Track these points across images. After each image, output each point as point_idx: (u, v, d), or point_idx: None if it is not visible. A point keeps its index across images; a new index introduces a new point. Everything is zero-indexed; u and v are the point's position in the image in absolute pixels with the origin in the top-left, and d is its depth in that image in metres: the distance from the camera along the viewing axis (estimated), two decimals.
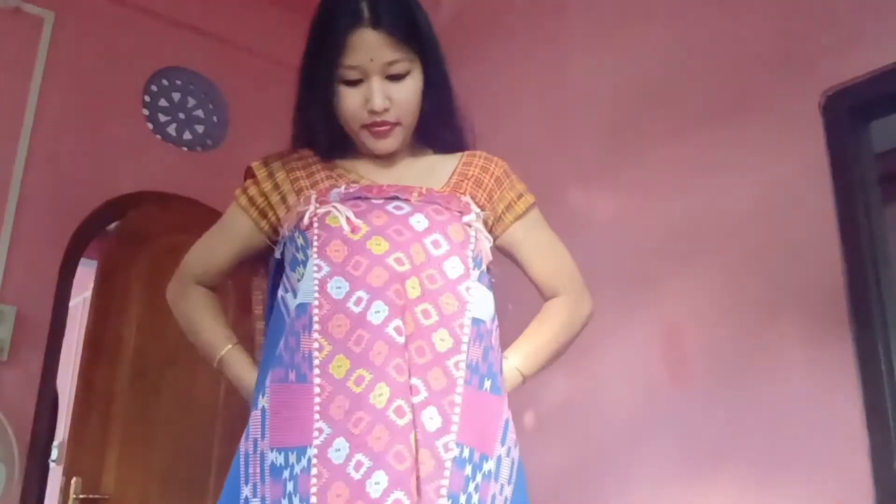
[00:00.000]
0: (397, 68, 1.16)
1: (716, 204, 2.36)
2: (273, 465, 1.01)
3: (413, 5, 1.20)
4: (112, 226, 3.25)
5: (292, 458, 1.00)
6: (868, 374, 1.92)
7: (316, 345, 1.03)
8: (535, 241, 1.27)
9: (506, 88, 3.15)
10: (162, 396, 3.14)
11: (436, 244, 1.10)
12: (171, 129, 3.43)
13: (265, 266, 1.30)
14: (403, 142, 1.23)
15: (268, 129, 3.71)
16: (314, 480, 0.96)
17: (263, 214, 1.23)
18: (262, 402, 1.06)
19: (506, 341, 1.22)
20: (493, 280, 1.19)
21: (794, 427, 2.04)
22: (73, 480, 2.87)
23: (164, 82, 3.47)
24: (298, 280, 1.11)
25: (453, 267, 1.10)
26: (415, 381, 1.02)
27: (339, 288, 1.05)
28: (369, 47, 1.14)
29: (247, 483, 1.04)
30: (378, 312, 1.03)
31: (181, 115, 3.48)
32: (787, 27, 2.28)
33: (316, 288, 1.06)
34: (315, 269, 1.08)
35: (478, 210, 1.19)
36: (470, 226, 1.15)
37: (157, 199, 3.28)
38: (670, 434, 2.31)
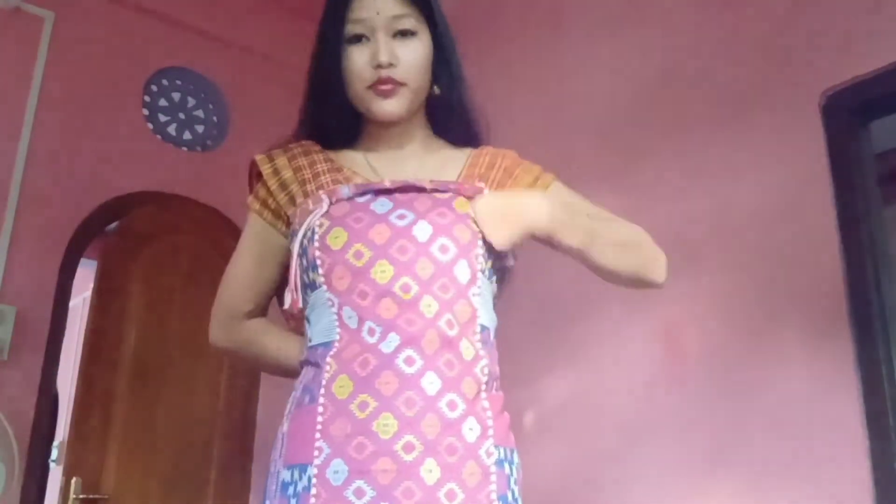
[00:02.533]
0: (404, 24, 1.14)
1: (716, 204, 2.36)
2: (283, 482, 1.02)
3: None
4: (112, 226, 3.25)
5: (297, 476, 1.01)
6: (868, 374, 1.92)
7: (327, 367, 1.04)
8: (568, 204, 1.21)
9: (503, 90, 3.15)
10: (162, 396, 3.14)
11: (443, 249, 1.07)
12: (171, 129, 3.44)
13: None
14: (410, 108, 1.17)
15: (268, 129, 3.72)
16: (313, 500, 0.97)
17: (277, 215, 1.18)
18: (285, 426, 1.07)
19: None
20: (510, 264, 1.16)
21: (794, 427, 2.04)
22: (73, 480, 2.87)
23: (164, 82, 3.47)
24: (311, 308, 1.10)
25: (462, 272, 1.07)
26: (451, 395, 1.02)
27: (351, 318, 1.05)
28: (376, 1, 1.13)
29: (267, 499, 1.07)
30: (390, 342, 1.02)
31: (181, 115, 3.48)
32: (787, 27, 2.28)
33: (336, 324, 1.06)
34: (329, 303, 1.07)
35: (487, 191, 1.15)
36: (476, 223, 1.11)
37: (157, 199, 3.29)
38: (670, 434, 2.31)
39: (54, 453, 4.29)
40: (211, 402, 3.25)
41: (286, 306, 1.13)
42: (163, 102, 3.44)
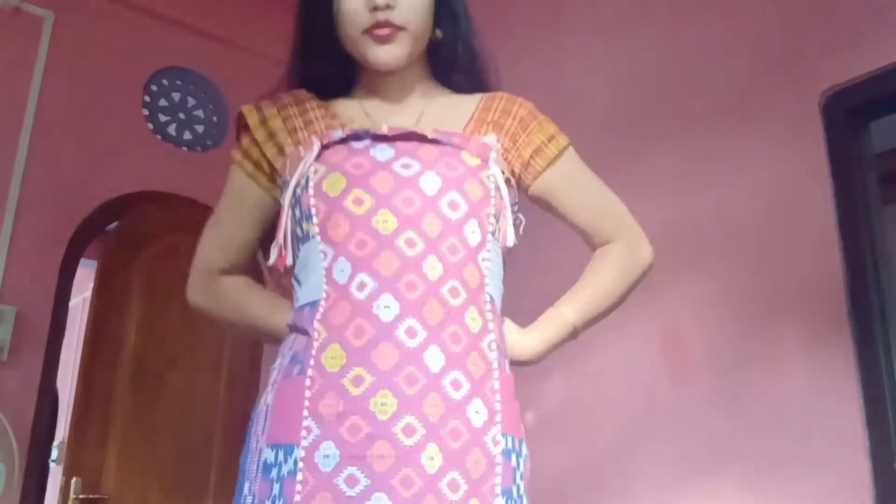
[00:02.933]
0: None
1: (716, 204, 2.36)
2: (265, 462, 0.92)
3: None
4: (112, 226, 3.25)
5: (281, 457, 0.90)
6: (868, 374, 1.92)
7: (315, 334, 0.92)
8: (575, 184, 1.14)
9: (504, 88, 3.15)
10: (162, 396, 3.14)
11: (453, 205, 0.96)
12: (171, 129, 3.43)
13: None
14: (410, 55, 1.07)
15: None
16: (299, 486, 0.87)
17: (258, 167, 1.08)
18: (269, 397, 0.96)
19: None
20: (518, 221, 1.07)
21: (794, 427, 2.04)
22: (73, 480, 2.87)
23: (164, 82, 3.47)
24: (302, 265, 1.00)
25: (472, 232, 0.97)
26: (455, 373, 0.91)
27: (343, 271, 0.94)
28: None
29: (246, 479, 0.98)
30: (388, 308, 0.91)
31: (181, 115, 3.48)
32: (787, 27, 2.28)
33: (324, 280, 0.95)
34: (321, 256, 0.96)
35: (497, 146, 1.05)
36: (491, 177, 1.01)
37: (157, 199, 3.28)
38: (670, 434, 2.31)
39: (54, 453, 4.29)
40: (211, 403, 3.25)
41: (271, 262, 1.02)
42: (163, 102, 3.44)
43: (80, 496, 2.87)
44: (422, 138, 1.00)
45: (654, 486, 2.32)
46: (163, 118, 3.42)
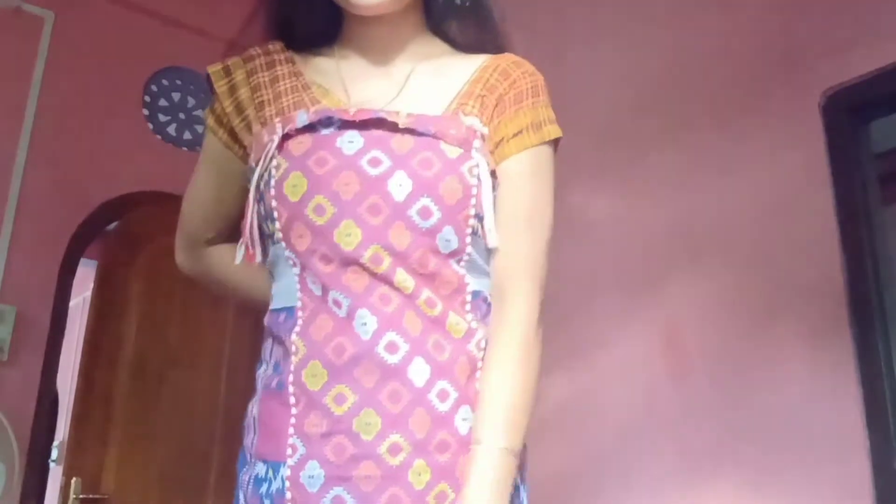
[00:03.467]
0: None
1: (715, 204, 2.36)
2: (257, 475, 0.91)
3: None
4: (112, 226, 3.25)
5: (270, 473, 0.89)
6: (868, 374, 1.92)
7: (293, 347, 0.87)
8: (517, 189, 0.93)
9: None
10: (162, 396, 3.14)
11: (424, 213, 0.87)
12: (171, 129, 3.44)
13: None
14: (398, 1, 0.93)
15: None
16: None
17: (234, 137, 0.99)
18: (255, 409, 0.94)
19: None
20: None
21: (793, 427, 2.04)
22: (73, 480, 2.88)
23: (164, 82, 3.47)
24: (272, 263, 0.94)
25: (447, 240, 0.88)
26: (442, 383, 0.86)
27: (315, 284, 0.88)
28: None
29: (240, 489, 0.96)
30: (365, 325, 0.85)
31: (181, 115, 3.48)
32: (787, 27, 2.28)
33: (298, 287, 0.89)
34: (290, 262, 0.89)
35: (483, 130, 0.92)
36: (474, 168, 0.90)
37: (157, 199, 3.28)
38: (670, 434, 2.31)
39: (54, 453, 4.29)
40: (211, 403, 3.25)
41: (238, 261, 0.94)
42: (163, 102, 3.44)
43: (80, 496, 2.87)
44: (394, 126, 0.88)
45: (653, 485, 2.32)
46: (163, 118, 3.42)
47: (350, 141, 0.88)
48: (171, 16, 3.47)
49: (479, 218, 0.90)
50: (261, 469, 0.90)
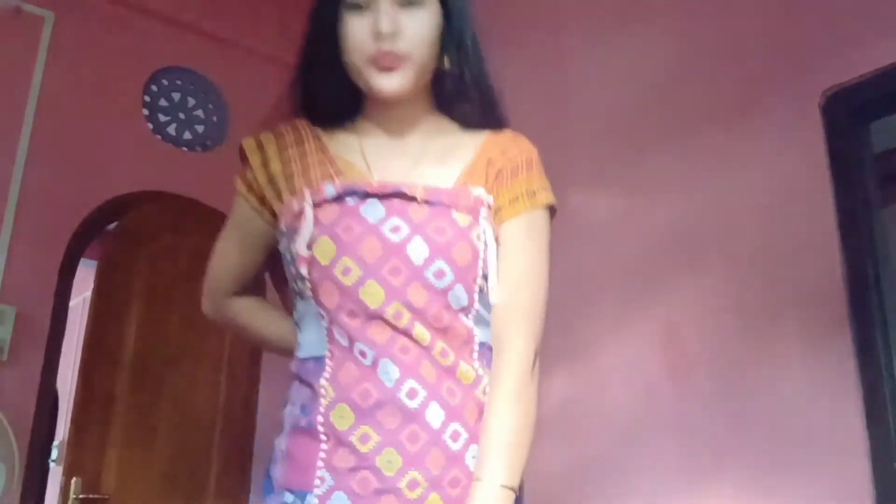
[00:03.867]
0: None
1: (716, 204, 2.36)
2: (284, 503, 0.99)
3: None
4: (112, 226, 3.25)
5: (298, 501, 0.97)
6: (868, 373, 1.92)
7: (322, 391, 0.98)
8: (518, 246, 1.05)
9: (505, 88, 3.15)
10: (162, 396, 3.14)
11: (439, 275, 0.99)
12: (171, 129, 3.43)
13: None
14: (414, 85, 1.05)
15: (268, 129, 3.73)
16: None
17: (263, 203, 1.10)
18: (283, 444, 1.03)
19: None
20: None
21: (794, 427, 2.04)
22: (73, 480, 2.87)
23: (164, 82, 3.47)
24: (301, 317, 1.05)
25: (458, 297, 1.00)
26: (455, 425, 0.97)
27: (342, 336, 0.99)
28: None
29: None
30: (388, 373, 0.96)
31: (181, 115, 3.48)
32: (787, 27, 2.28)
33: (326, 339, 1.00)
34: (319, 316, 1.01)
35: (489, 200, 1.04)
36: (481, 234, 1.02)
37: (157, 199, 3.29)
38: (670, 434, 2.31)
39: (54, 453, 4.29)
40: (211, 402, 3.25)
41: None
42: (163, 102, 3.44)
43: (80, 496, 2.87)
44: (412, 198, 1.01)
45: (653, 485, 2.32)
46: (163, 118, 3.42)
47: (373, 210, 1.00)
48: (171, 16, 3.47)
49: (485, 277, 1.02)
50: (288, 498, 0.98)
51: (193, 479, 3.14)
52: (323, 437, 0.97)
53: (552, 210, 1.10)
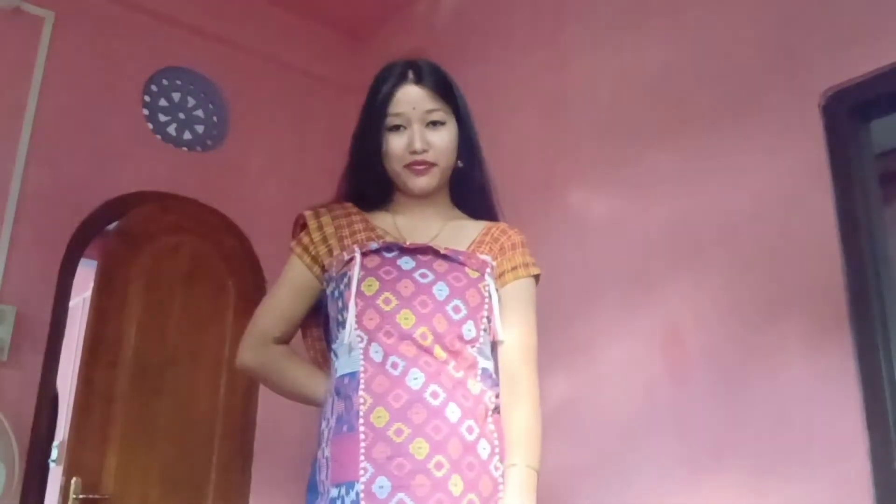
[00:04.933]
0: (435, 116, 1.39)
1: (716, 204, 2.36)
2: (332, 498, 1.22)
3: (450, 76, 1.44)
4: (112, 226, 3.25)
5: (343, 491, 1.20)
6: (868, 374, 1.92)
7: (361, 400, 1.24)
8: (516, 301, 1.38)
9: (505, 89, 3.15)
10: (162, 396, 3.14)
11: (456, 310, 1.31)
12: (171, 129, 3.44)
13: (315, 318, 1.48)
14: (439, 183, 1.41)
15: (268, 129, 3.75)
16: None
17: (315, 260, 1.40)
18: (327, 451, 1.26)
19: None
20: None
21: (794, 427, 2.04)
22: (73, 480, 2.87)
23: (164, 82, 3.47)
24: (340, 343, 1.31)
25: (469, 330, 1.31)
26: (469, 422, 1.24)
27: (377, 353, 1.27)
28: (412, 98, 1.39)
29: None
30: (416, 379, 1.24)
31: (181, 115, 3.48)
32: (787, 27, 2.28)
33: (361, 357, 1.27)
34: (358, 339, 1.28)
35: (493, 263, 1.37)
36: (486, 287, 1.34)
37: (157, 199, 3.29)
38: (670, 434, 2.31)
39: (54, 453, 4.29)
40: (211, 402, 3.25)
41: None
42: (163, 102, 3.45)
43: (80, 496, 2.86)
44: (436, 253, 1.35)
45: (654, 485, 2.32)
46: (163, 118, 3.42)
47: (406, 261, 1.34)
48: (171, 16, 3.47)
49: (489, 319, 1.34)
50: (334, 492, 1.22)
51: (193, 479, 3.14)
52: (362, 437, 1.21)
53: (537, 279, 1.44)
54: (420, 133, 1.38)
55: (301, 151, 3.71)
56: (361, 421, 1.22)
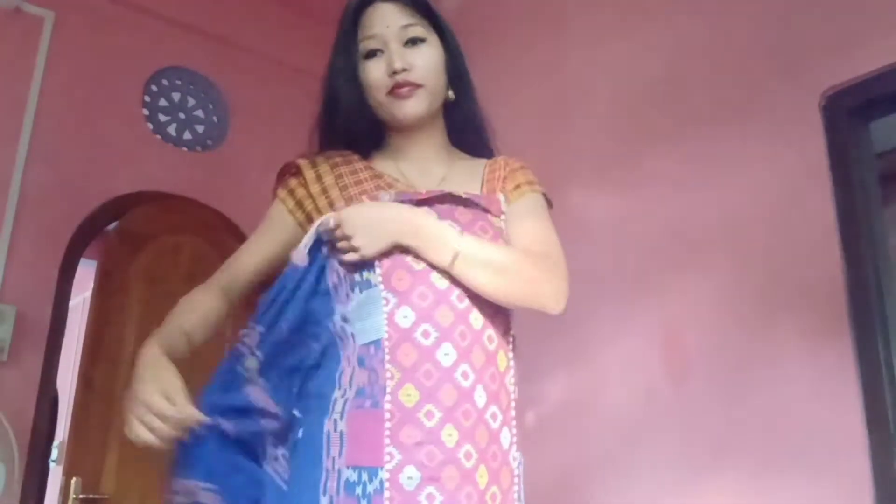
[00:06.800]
0: (413, 32, 1.23)
1: (716, 204, 2.36)
2: (348, 480, 1.06)
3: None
4: (112, 226, 3.25)
5: (364, 477, 1.05)
6: (868, 373, 1.92)
7: (388, 374, 1.07)
8: (528, 219, 1.26)
9: (505, 88, 3.15)
10: None
11: None
12: (171, 129, 3.43)
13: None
14: (429, 109, 1.25)
15: (268, 128, 3.74)
16: (387, 503, 1.03)
17: (300, 205, 1.24)
18: (341, 425, 1.10)
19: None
20: None
21: (793, 427, 2.04)
22: (73, 480, 2.87)
23: (164, 82, 3.47)
24: (357, 307, 1.13)
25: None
26: (493, 408, 1.11)
27: (406, 318, 1.09)
28: (384, 15, 1.23)
29: (324, 494, 1.08)
30: (447, 355, 1.09)
31: (181, 115, 3.48)
32: (787, 27, 2.28)
33: (386, 322, 1.10)
34: (384, 302, 1.10)
35: (505, 204, 1.25)
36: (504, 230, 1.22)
37: (157, 199, 3.28)
38: (670, 434, 2.31)
39: (54, 453, 4.29)
40: None
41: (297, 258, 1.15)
42: (163, 102, 3.44)
43: (80, 496, 2.86)
44: (456, 199, 1.19)
45: (653, 485, 2.32)
46: (163, 118, 3.42)
47: (425, 213, 1.15)
48: (171, 16, 3.47)
49: None
50: (351, 476, 1.06)
51: None
52: (387, 416, 1.06)
53: (548, 201, 1.32)
54: (398, 51, 1.21)
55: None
56: (389, 398, 1.07)
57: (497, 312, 1.15)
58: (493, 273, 1.12)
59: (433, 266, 1.11)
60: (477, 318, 1.12)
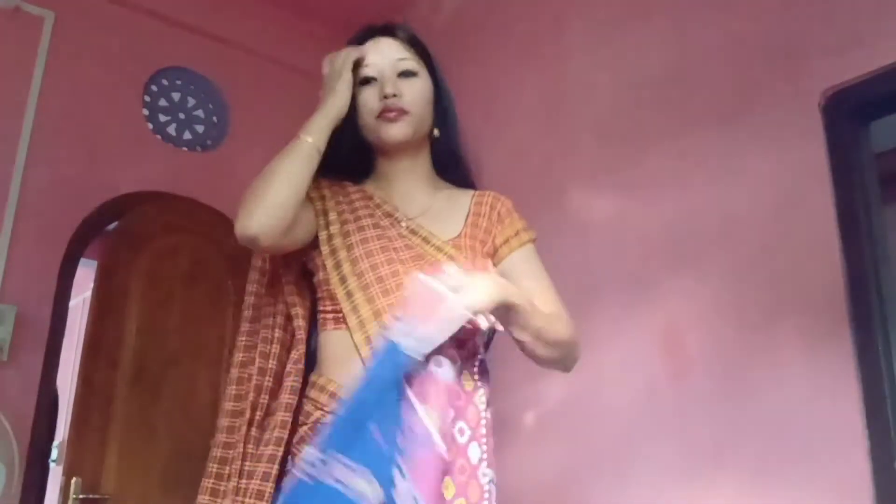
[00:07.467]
0: (406, 65, 1.36)
1: (716, 204, 2.36)
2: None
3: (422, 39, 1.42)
4: (112, 226, 3.25)
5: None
6: (868, 374, 1.92)
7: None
8: (524, 269, 1.37)
9: (505, 89, 3.15)
10: (162, 396, 3.14)
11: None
12: (171, 129, 3.43)
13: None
14: (414, 136, 1.36)
15: (268, 129, 3.74)
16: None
17: (321, 198, 1.37)
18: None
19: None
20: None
21: (793, 427, 2.04)
22: (73, 480, 2.87)
23: (164, 82, 3.47)
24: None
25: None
26: (460, 423, 1.20)
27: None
28: (381, 47, 1.38)
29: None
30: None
31: (181, 115, 3.48)
32: (787, 27, 2.28)
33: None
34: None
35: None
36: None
37: (157, 199, 3.28)
38: (670, 434, 2.31)
39: (54, 453, 4.29)
40: (211, 402, 3.24)
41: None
42: (163, 102, 3.44)
43: (80, 496, 2.86)
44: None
45: (653, 485, 2.32)
46: (163, 118, 3.42)
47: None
48: (171, 16, 3.47)
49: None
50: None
51: (193, 479, 3.12)
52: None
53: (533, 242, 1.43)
54: (392, 80, 1.35)
55: None
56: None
57: (469, 339, 1.23)
58: (516, 327, 1.25)
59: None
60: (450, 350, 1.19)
